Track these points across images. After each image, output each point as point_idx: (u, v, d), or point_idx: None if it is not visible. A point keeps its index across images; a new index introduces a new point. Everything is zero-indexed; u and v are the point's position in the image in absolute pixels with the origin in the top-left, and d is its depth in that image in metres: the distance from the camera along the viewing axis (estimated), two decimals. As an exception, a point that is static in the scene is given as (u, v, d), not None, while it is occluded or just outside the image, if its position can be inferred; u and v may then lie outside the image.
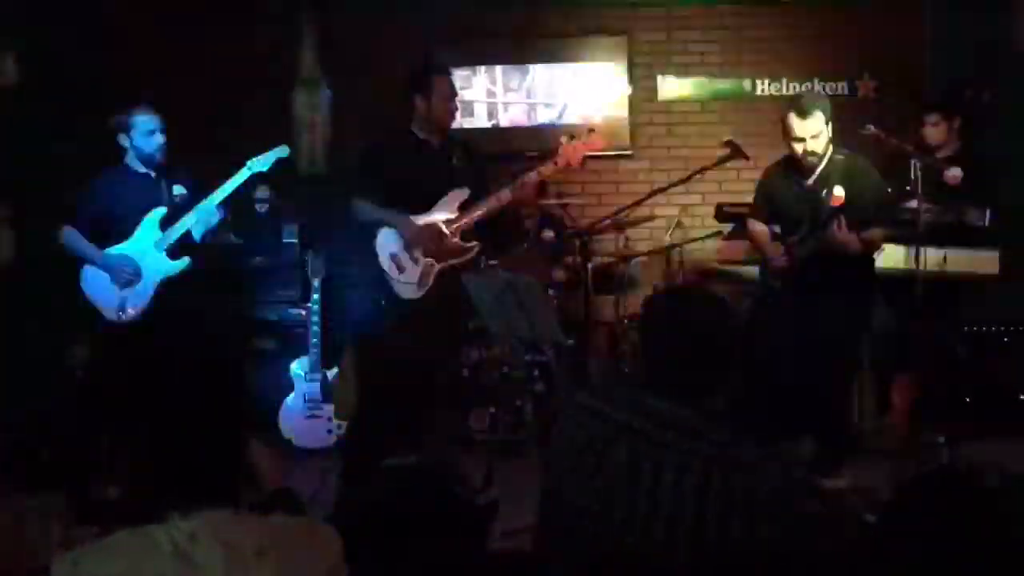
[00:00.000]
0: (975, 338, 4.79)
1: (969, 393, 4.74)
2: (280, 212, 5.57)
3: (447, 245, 4.68)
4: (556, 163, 4.65)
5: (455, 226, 4.70)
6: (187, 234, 4.65)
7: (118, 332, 4.61)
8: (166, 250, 4.65)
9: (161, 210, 4.66)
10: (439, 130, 4.78)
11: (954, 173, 4.75)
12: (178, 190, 4.71)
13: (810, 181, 4.41)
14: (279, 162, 4.88)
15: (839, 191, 4.25)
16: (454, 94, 4.83)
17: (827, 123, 4.31)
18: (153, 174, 4.67)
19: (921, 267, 4.37)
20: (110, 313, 4.62)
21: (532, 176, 4.68)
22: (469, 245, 4.71)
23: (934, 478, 1.94)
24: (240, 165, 4.78)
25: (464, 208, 4.72)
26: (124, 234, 4.63)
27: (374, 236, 4.75)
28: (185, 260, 4.68)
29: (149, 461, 1.82)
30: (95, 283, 4.64)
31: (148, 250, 4.64)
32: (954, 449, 4.24)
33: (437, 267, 4.68)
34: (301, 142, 6.15)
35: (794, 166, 4.44)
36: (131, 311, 4.61)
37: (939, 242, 4.58)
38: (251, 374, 5.38)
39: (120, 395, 4.12)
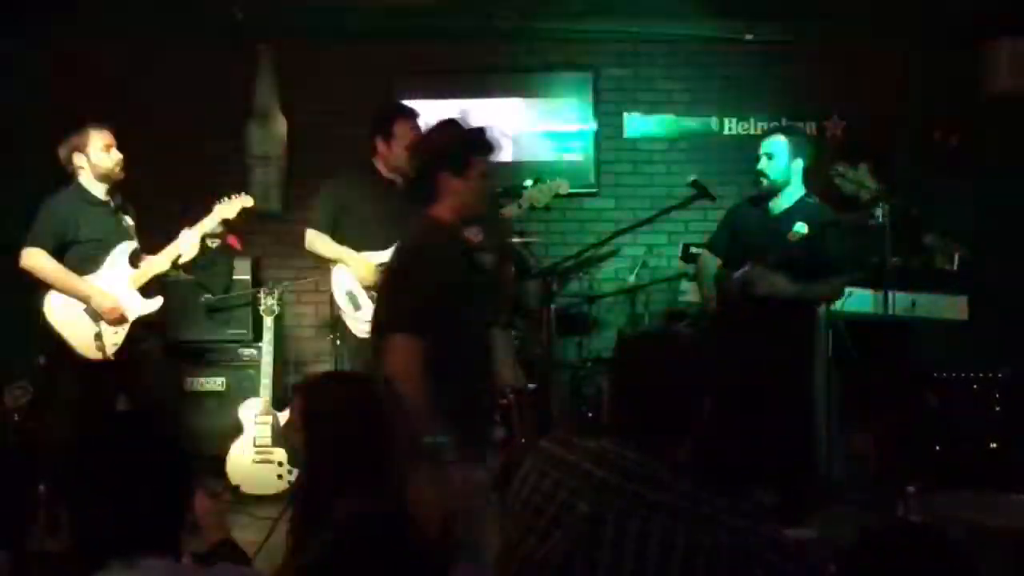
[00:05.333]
0: (944, 386, 4.74)
1: (938, 441, 4.68)
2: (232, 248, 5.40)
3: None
4: (520, 206, 4.67)
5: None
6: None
7: (93, 369, 4.34)
8: (139, 288, 4.49)
9: (132, 243, 4.50)
10: (400, 172, 4.66)
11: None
12: (128, 222, 4.55)
13: (774, 213, 4.41)
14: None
15: (800, 227, 4.26)
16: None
17: (792, 158, 4.34)
18: (110, 202, 4.47)
19: (890, 311, 4.38)
20: (83, 348, 4.34)
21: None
22: (427, 287, 4.59)
23: (895, 530, 1.91)
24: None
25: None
26: (83, 261, 4.37)
27: (330, 272, 4.62)
28: (159, 299, 4.55)
29: (89, 511, 1.80)
30: (67, 315, 4.34)
31: (122, 285, 4.44)
32: (924, 498, 4.18)
33: (394, 307, 4.55)
34: (255, 176, 5.98)
35: (764, 199, 4.47)
36: (111, 348, 4.36)
37: (908, 287, 4.57)
38: (198, 416, 5.21)
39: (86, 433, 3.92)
